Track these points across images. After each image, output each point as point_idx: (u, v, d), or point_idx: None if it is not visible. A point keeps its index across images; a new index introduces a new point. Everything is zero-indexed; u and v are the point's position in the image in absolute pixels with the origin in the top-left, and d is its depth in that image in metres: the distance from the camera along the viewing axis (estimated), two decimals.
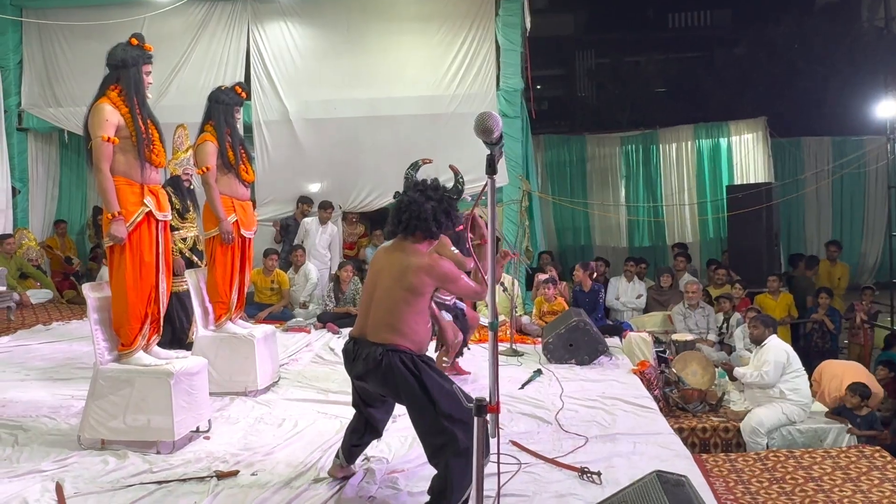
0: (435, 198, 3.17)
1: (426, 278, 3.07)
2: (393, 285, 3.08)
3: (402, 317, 3.07)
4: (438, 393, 2.99)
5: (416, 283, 3.05)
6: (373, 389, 3.19)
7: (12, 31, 10.02)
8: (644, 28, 19.86)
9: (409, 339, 3.09)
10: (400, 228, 3.18)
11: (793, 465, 4.36)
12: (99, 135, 3.86)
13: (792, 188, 11.40)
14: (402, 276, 3.07)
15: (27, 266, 9.39)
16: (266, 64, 9.64)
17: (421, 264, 3.08)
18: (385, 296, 3.09)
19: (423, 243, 3.18)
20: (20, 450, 3.99)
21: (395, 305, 3.07)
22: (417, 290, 3.07)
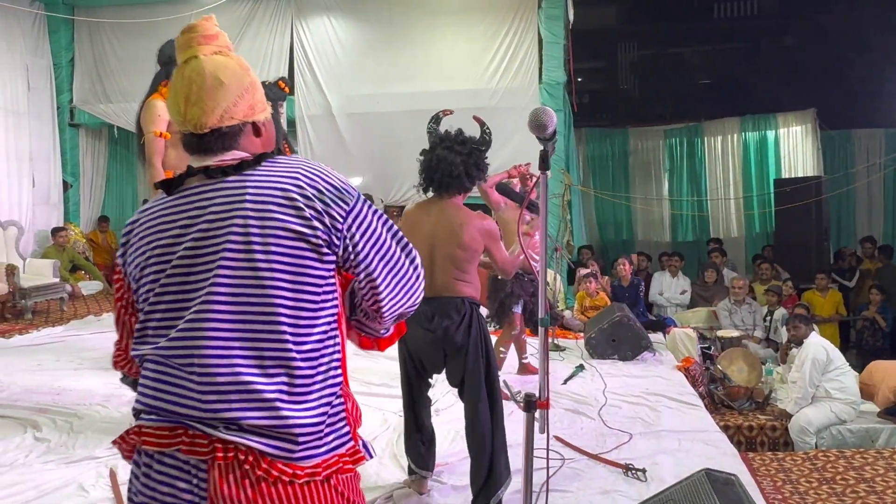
0: (463, 152, 3.19)
1: (477, 235, 3.19)
2: (452, 246, 3.18)
3: (468, 270, 3.20)
4: (491, 359, 3.16)
5: (469, 240, 3.17)
6: (443, 350, 3.19)
7: (64, 29, 10.30)
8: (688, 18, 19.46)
9: (475, 287, 3.24)
10: (434, 187, 3.24)
11: (843, 465, 4.27)
12: (151, 130, 3.95)
13: (842, 182, 11.10)
14: (457, 236, 3.18)
15: (79, 258, 9.67)
16: (309, 59, 9.74)
17: (473, 222, 3.19)
18: (449, 255, 3.18)
19: (459, 197, 3.28)
20: (75, 437, 4.11)
21: (459, 262, 3.17)
22: (472, 247, 3.19)
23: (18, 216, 9.41)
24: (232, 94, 1.46)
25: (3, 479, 3.48)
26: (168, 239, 1.40)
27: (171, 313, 1.38)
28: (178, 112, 1.46)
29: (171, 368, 1.36)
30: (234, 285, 1.34)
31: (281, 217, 1.35)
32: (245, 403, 1.30)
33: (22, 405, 4.64)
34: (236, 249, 1.35)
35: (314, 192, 1.39)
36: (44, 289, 8.14)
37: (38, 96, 10.03)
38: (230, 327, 1.33)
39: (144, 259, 1.42)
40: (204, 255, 1.36)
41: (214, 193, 1.39)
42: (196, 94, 1.44)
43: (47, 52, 10.26)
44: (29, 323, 7.58)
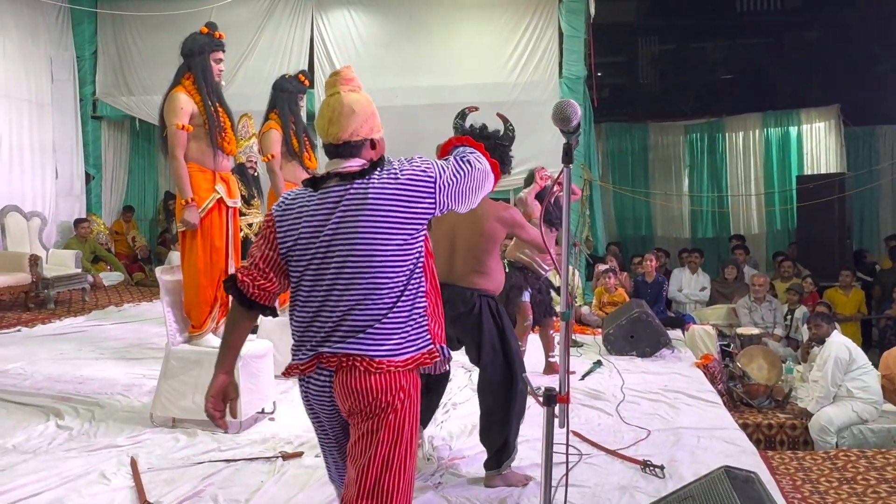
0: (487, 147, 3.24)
1: (498, 225, 3.41)
2: (472, 235, 3.39)
3: (485, 262, 3.40)
4: (512, 351, 3.30)
5: (490, 230, 3.38)
6: (458, 334, 3.40)
7: (88, 22, 10.39)
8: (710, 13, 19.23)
9: (492, 280, 3.42)
10: None
11: (864, 465, 4.21)
12: (173, 123, 3.98)
13: (866, 179, 10.95)
14: (479, 226, 3.37)
15: (100, 249, 9.78)
16: (329, 52, 9.76)
17: (497, 214, 3.41)
18: (467, 246, 3.39)
19: None
20: (97, 425, 4.16)
21: (478, 253, 3.38)
22: (493, 237, 3.40)
23: (42, 207, 9.53)
24: (359, 119, 2.08)
25: (26, 466, 3.54)
26: (316, 224, 2.00)
27: (314, 279, 2.00)
28: (322, 129, 2.11)
29: (314, 319, 2.00)
30: (360, 252, 1.95)
31: (395, 197, 1.98)
32: (360, 333, 1.95)
33: (45, 393, 4.71)
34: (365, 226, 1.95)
35: (414, 179, 2.00)
36: (66, 279, 8.24)
37: (61, 88, 10.13)
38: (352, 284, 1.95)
39: (297, 235, 2.03)
40: (339, 235, 1.96)
41: (347, 193, 1.99)
42: (336, 118, 2.07)
43: (71, 45, 10.35)
44: (51, 313, 7.68)
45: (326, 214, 1.99)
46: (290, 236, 2.03)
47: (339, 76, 2.14)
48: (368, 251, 1.94)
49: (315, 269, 2.00)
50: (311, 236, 2.00)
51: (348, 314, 1.95)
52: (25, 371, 5.30)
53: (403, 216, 1.97)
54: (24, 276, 7.72)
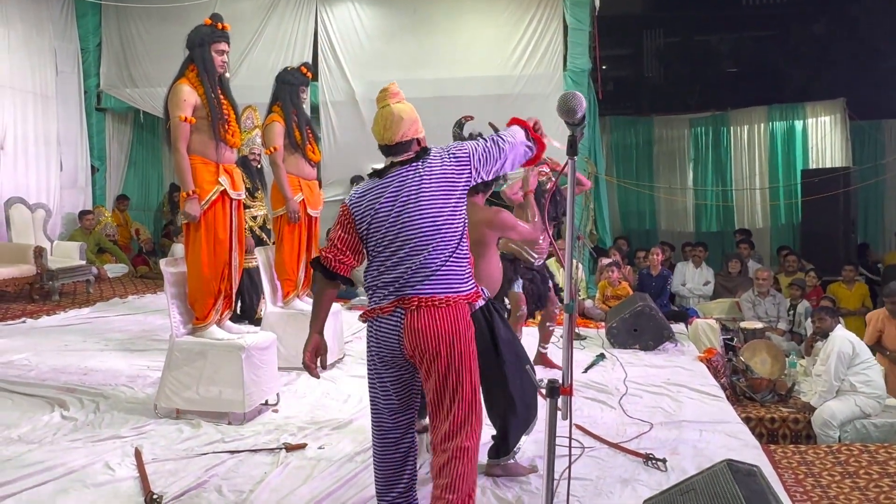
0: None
1: (487, 230, 3.58)
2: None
3: (478, 265, 3.41)
4: (504, 345, 3.30)
5: (480, 236, 3.50)
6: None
7: (92, 14, 10.39)
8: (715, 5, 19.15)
9: (484, 282, 3.46)
10: None
11: (867, 459, 4.22)
12: (176, 115, 3.98)
13: (871, 173, 10.91)
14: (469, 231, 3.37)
15: (105, 241, 9.80)
16: (333, 45, 9.75)
17: (483, 219, 3.56)
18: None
19: (478, 196, 3.65)
20: (101, 416, 4.18)
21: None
22: (483, 241, 3.55)
23: (47, 199, 9.55)
24: (406, 124, 2.65)
25: (31, 455, 3.56)
26: (386, 202, 2.56)
27: (392, 243, 2.54)
28: (379, 134, 2.68)
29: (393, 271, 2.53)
30: (422, 218, 2.51)
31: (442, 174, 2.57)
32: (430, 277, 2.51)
33: (50, 384, 4.74)
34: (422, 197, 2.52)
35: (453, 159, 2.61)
36: (71, 271, 8.26)
37: (65, 80, 10.14)
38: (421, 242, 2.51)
39: (372, 215, 2.57)
40: (409, 205, 2.52)
41: (408, 174, 2.57)
42: (389, 125, 2.65)
43: (75, 37, 10.36)
44: (56, 304, 7.71)
45: (394, 193, 2.55)
46: (365, 219, 2.58)
47: (387, 91, 2.73)
48: (431, 213, 2.51)
49: (392, 236, 2.54)
50: (385, 212, 2.55)
51: (420, 265, 2.49)
52: (30, 362, 5.33)
53: (451, 185, 2.56)
54: (29, 268, 7.74)
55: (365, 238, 2.61)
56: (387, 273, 2.55)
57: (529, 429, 3.41)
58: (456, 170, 2.58)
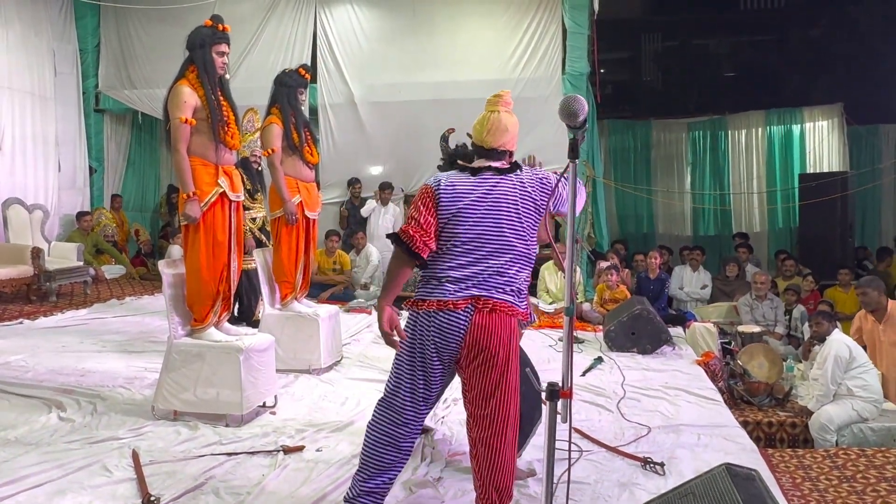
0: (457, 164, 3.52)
1: None
2: None
3: None
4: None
5: None
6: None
7: (91, 15, 10.38)
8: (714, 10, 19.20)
9: None
10: None
11: (864, 463, 4.22)
12: (176, 116, 3.97)
13: (868, 178, 10.94)
14: None
15: (103, 242, 9.79)
16: (332, 47, 9.75)
17: None
18: None
19: None
20: (98, 417, 4.17)
21: None
22: None
23: (44, 200, 9.53)
24: (509, 136, 2.78)
25: (28, 457, 3.54)
26: (476, 199, 2.68)
27: (474, 240, 2.66)
28: (479, 135, 2.79)
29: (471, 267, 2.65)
30: (506, 226, 2.65)
31: (531, 193, 2.71)
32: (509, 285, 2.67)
33: (47, 386, 4.73)
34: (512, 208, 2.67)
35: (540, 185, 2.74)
36: (68, 272, 8.25)
37: (64, 81, 10.13)
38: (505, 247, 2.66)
39: (460, 205, 2.68)
40: (499, 212, 2.66)
41: (503, 181, 2.72)
42: (493, 130, 2.76)
43: (74, 38, 10.35)
44: (53, 305, 7.69)
45: (486, 193, 2.68)
46: (451, 208, 2.68)
47: (500, 98, 2.84)
48: (515, 225, 2.65)
49: (476, 234, 2.65)
50: (474, 208, 2.67)
51: (498, 271, 2.64)
52: (27, 363, 5.31)
53: (535, 206, 2.69)
54: (27, 269, 7.73)
55: (443, 225, 2.69)
56: (461, 269, 2.65)
57: (533, 432, 3.41)
58: (542, 196, 2.70)
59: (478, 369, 2.64)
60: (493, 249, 2.65)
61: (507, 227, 2.66)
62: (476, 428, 2.70)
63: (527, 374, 3.06)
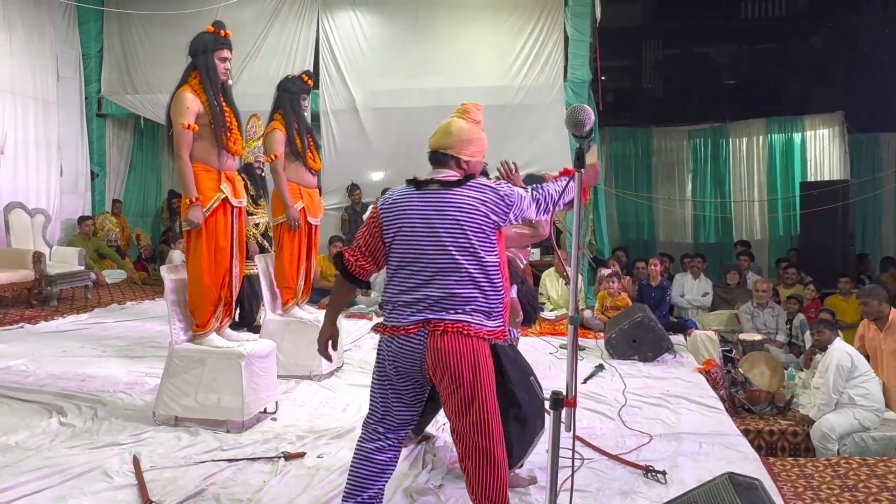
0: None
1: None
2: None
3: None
4: (507, 361, 3.27)
5: None
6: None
7: (94, 20, 10.42)
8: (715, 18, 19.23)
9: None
10: None
11: (866, 473, 4.21)
12: (179, 122, 3.98)
13: (869, 186, 10.95)
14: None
15: (104, 247, 9.80)
16: (335, 53, 9.77)
17: None
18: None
19: None
20: (99, 423, 4.17)
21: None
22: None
23: (46, 204, 9.54)
24: (454, 139, 2.67)
25: (29, 462, 3.54)
26: (420, 217, 2.54)
27: (420, 260, 2.53)
28: (433, 136, 2.72)
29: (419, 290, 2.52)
30: (449, 244, 2.50)
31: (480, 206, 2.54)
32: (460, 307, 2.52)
33: (47, 390, 4.72)
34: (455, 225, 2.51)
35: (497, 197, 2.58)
36: (69, 276, 8.25)
37: (66, 86, 10.15)
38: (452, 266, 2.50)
39: (400, 225, 2.56)
40: (435, 229, 2.51)
41: (446, 195, 2.55)
42: (439, 132, 2.70)
43: (77, 43, 10.38)
44: (54, 310, 7.69)
45: (429, 209, 2.54)
46: (393, 227, 2.58)
47: (464, 107, 2.79)
48: (462, 242, 2.50)
49: (419, 253, 2.53)
50: (416, 226, 2.55)
51: (448, 292, 2.50)
52: (28, 368, 5.31)
53: (486, 220, 2.53)
54: (28, 273, 7.73)
55: (389, 247, 2.62)
56: (411, 292, 2.55)
57: (535, 441, 3.40)
58: (496, 209, 2.56)
59: (446, 390, 2.57)
60: (439, 269, 2.52)
61: (450, 245, 2.51)
62: (459, 443, 2.64)
63: (530, 384, 3.06)
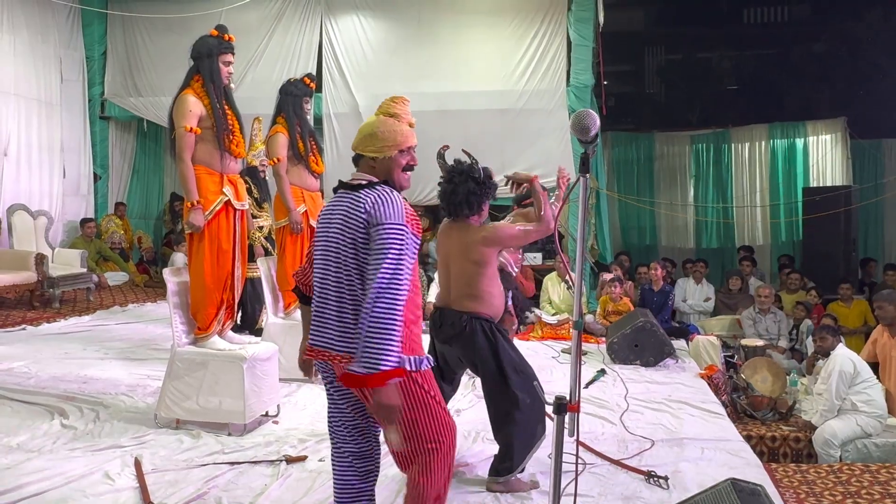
0: (461, 181, 3.51)
1: (484, 249, 3.47)
2: (463, 261, 3.49)
3: (478, 285, 3.47)
4: (509, 365, 3.37)
5: (478, 256, 3.46)
6: (456, 354, 3.55)
7: (98, 23, 10.43)
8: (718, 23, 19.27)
9: (487, 304, 3.48)
10: (446, 213, 3.63)
11: (868, 479, 4.20)
12: (182, 125, 3.99)
13: (871, 192, 10.94)
14: (467, 252, 3.48)
15: (107, 250, 9.81)
16: (338, 56, 9.78)
17: (477, 238, 3.48)
18: (459, 271, 3.50)
19: (472, 218, 3.55)
20: (101, 425, 4.17)
21: (469, 278, 3.48)
22: (482, 261, 3.47)
23: (49, 206, 9.56)
24: (359, 136, 2.41)
25: (30, 464, 3.54)
26: (324, 224, 2.34)
27: (320, 276, 2.32)
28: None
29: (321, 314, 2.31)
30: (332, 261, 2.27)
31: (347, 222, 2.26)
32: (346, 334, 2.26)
33: (49, 392, 4.73)
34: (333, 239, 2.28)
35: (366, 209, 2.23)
36: (71, 278, 8.26)
37: (70, 88, 10.17)
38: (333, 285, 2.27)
39: (319, 234, 2.36)
40: (323, 243, 2.31)
41: (343, 201, 2.31)
42: (359, 131, 2.43)
43: (80, 45, 10.40)
44: (56, 312, 7.69)
45: (323, 221, 2.36)
46: (319, 234, 2.38)
47: (383, 102, 2.51)
48: (342, 260, 2.25)
49: (316, 269, 2.34)
50: (321, 235, 2.35)
51: (333, 315, 2.26)
52: (30, 370, 5.32)
53: (354, 235, 2.24)
54: (30, 275, 7.74)
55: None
56: (317, 314, 2.34)
57: (537, 446, 3.40)
58: (355, 223, 2.24)
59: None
60: (326, 288, 2.30)
61: (332, 263, 2.28)
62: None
63: (534, 388, 3.06)
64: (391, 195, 2.25)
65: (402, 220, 2.20)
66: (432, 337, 3.63)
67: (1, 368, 5.31)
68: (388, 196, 2.23)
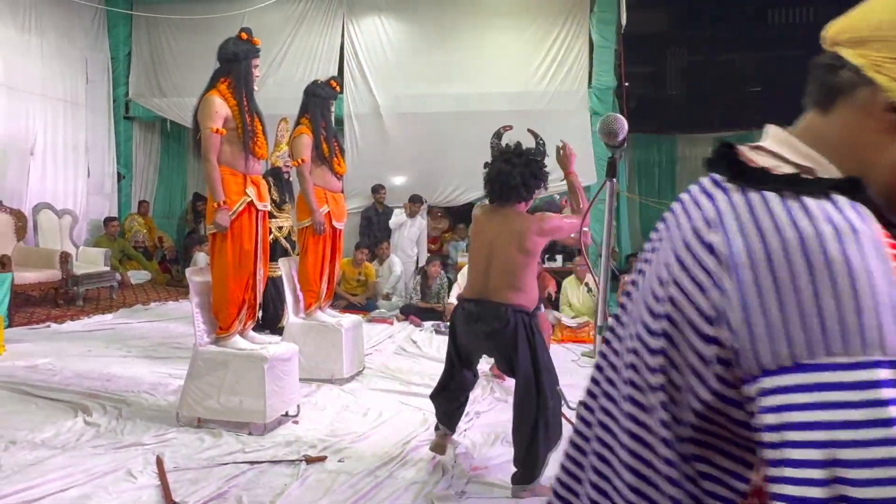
0: (520, 163, 3.37)
1: (538, 238, 3.35)
2: (511, 250, 3.33)
3: (522, 276, 3.36)
4: (543, 364, 3.31)
5: (530, 246, 3.33)
6: (490, 346, 3.46)
7: (123, 24, 10.56)
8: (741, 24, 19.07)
9: (527, 296, 3.38)
10: (495, 197, 3.43)
11: None
12: (208, 126, 4.02)
13: None
14: (519, 242, 3.33)
15: (130, 249, 9.92)
16: (359, 58, 9.82)
17: (532, 228, 3.33)
18: (504, 260, 3.35)
19: (521, 205, 3.42)
20: (123, 423, 4.21)
21: (515, 268, 3.34)
22: (533, 252, 3.36)
23: (73, 205, 9.68)
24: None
25: (55, 461, 3.58)
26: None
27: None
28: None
29: None
30: None
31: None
32: None
33: (73, 389, 4.78)
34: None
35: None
36: (95, 277, 8.36)
37: (95, 89, 10.30)
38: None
39: None
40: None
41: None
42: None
43: (106, 47, 10.53)
44: (80, 309, 7.79)
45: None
46: None
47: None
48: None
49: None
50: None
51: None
52: (54, 367, 5.38)
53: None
54: (55, 273, 7.84)
55: None
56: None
57: (556, 447, 3.38)
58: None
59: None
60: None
61: None
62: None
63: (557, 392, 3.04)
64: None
65: None
66: (453, 326, 3.56)
67: (26, 365, 5.38)
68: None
